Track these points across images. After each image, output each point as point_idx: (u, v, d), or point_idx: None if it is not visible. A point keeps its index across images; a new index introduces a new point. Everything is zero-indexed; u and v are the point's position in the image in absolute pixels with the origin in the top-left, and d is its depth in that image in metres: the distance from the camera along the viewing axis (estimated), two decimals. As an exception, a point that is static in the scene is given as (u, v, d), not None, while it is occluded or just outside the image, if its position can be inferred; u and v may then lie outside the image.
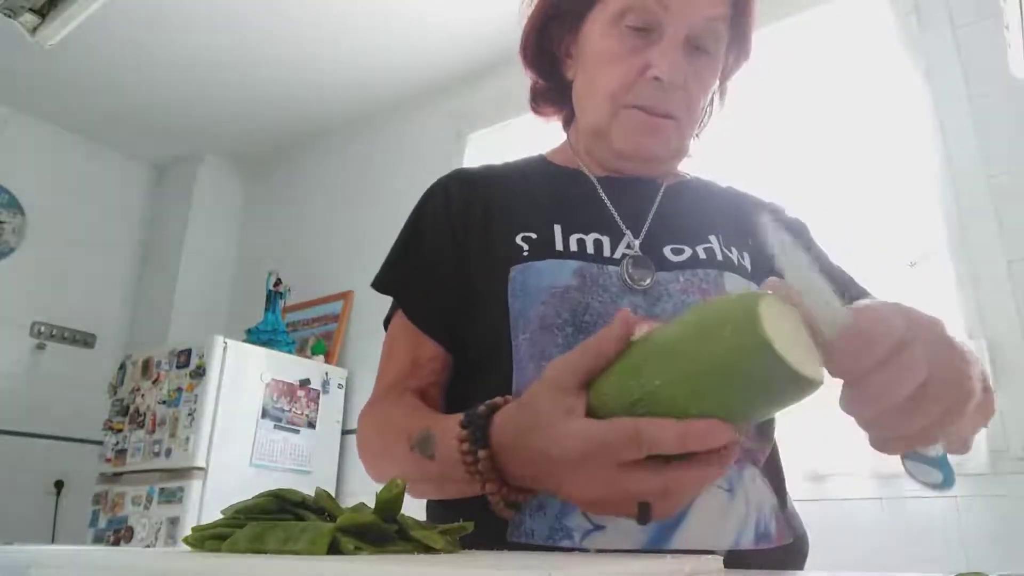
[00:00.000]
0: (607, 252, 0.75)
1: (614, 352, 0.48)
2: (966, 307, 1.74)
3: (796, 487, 0.79)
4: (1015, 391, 1.64)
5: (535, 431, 0.49)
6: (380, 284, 0.83)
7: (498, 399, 0.56)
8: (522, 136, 2.75)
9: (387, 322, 0.84)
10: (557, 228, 0.76)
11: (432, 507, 0.79)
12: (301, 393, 2.73)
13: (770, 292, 0.43)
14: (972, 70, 1.87)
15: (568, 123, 0.91)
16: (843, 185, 2.04)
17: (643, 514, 0.46)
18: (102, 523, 2.53)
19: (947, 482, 0.54)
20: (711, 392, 0.42)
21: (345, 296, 3.14)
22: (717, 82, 0.83)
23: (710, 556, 0.40)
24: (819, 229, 0.92)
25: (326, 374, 2.84)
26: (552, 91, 0.89)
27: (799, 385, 0.41)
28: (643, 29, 0.75)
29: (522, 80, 0.92)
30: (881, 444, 0.47)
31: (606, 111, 0.78)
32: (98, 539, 2.51)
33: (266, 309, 3.04)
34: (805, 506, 0.82)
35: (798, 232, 0.88)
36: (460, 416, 0.57)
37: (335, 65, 3.04)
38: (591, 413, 0.48)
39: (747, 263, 0.79)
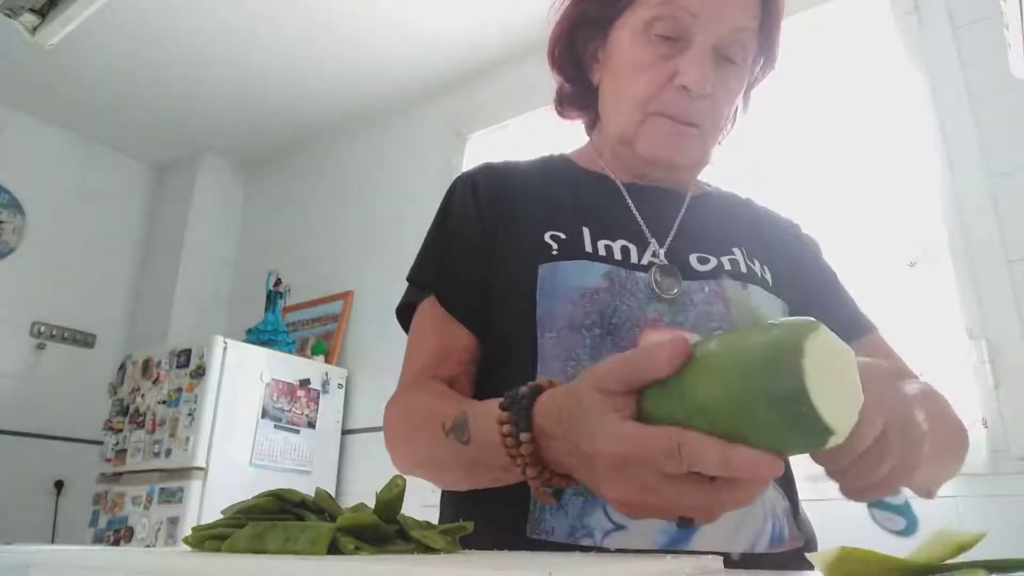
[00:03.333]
0: (634, 259, 0.75)
1: (664, 375, 0.45)
2: (966, 307, 1.74)
3: (797, 487, 0.78)
4: (1015, 391, 1.64)
5: (580, 422, 0.48)
6: (416, 275, 0.83)
7: (543, 380, 0.54)
8: (521, 136, 2.74)
9: (399, 313, 0.83)
10: (586, 230, 0.76)
11: (446, 502, 0.79)
12: (301, 393, 2.73)
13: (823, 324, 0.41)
14: (972, 70, 1.87)
15: (591, 127, 0.91)
16: (843, 185, 2.05)
17: (683, 523, 0.45)
18: (102, 523, 2.53)
19: (909, 528, 0.57)
20: (747, 425, 0.41)
21: (345, 296, 3.14)
22: (742, 92, 0.83)
23: (710, 556, 0.40)
24: (819, 229, 0.92)
25: (326, 374, 2.84)
26: (577, 95, 0.89)
27: (822, 434, 0.39)
28: (671, 38, 0.75)
29: (522, 81, 0.92)
30: (852, 493, 0.51)
31: (634, 118, 0.77)
32: (98, 539, 2.51)
33: (266, 309, 3.04)
34: (805, 506, 0.82)
35: (812, 252, 0.89)
36: (497, 399, 0.55)
37: (335, 65, 3.04)
38: (640, 420, 0.46)
39: (768, 277, 0.80)
